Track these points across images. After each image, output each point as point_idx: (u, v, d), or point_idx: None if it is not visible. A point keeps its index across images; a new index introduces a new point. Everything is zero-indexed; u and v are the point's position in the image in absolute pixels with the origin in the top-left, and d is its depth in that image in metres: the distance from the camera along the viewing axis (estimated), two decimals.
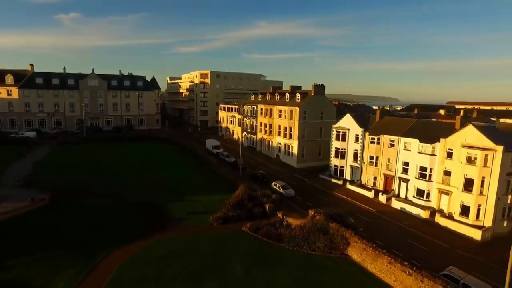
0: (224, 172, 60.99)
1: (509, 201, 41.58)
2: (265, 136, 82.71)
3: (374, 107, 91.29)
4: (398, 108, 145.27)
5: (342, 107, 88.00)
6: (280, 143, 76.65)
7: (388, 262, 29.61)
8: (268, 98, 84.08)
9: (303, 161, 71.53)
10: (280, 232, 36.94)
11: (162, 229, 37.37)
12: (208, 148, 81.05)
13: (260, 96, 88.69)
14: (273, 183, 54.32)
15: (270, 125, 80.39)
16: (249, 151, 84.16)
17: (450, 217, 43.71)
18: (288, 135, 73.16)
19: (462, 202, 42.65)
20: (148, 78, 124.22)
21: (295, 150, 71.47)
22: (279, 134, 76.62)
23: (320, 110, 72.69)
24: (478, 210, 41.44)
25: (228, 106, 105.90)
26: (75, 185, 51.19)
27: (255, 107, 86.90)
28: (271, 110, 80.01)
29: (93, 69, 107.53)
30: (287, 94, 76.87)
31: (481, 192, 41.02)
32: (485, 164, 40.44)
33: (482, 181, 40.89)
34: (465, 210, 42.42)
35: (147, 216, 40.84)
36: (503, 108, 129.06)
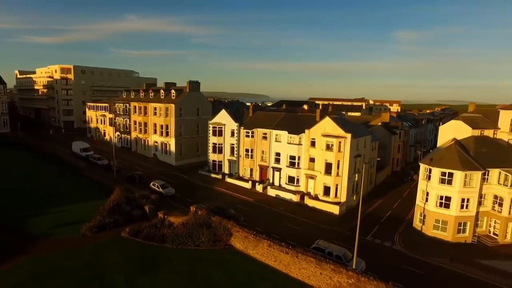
0: (96, 176, 55.55)
1: (356, 179, 50.02)
2: (140, 135, 78.47)
3: (248, 103, 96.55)
4: (269, 104, 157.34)
5: (217, 104, 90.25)
6: (156, 142, 73.88)
7: (268, 245, 32.08)
8: (142, 96, 79.86)
9: (182, 158, 70.73)
10: (162, 233, 35.89)
11: (19, 250, 31.69)
12: (75, 152, 72.19)
13: (133, 94, 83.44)
14: (152, 183, 52.16)
15: (145, 124, 76.61)
16: (123, 152, 78.46)
17: (316, 198, 49.97)
18: (164, 133, 71.06)
19: (325, 184, 49.30)
20: None
21: (172, 148, 70.02)
22: (155, 132, 73.75)
23: (196, 106, 72.90)
24: (336, 189, 48.61)
25: (98, 104, 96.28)
26: None
27: (128, 105, 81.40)
28: (145, 107, 76.27)
29: None
30: (162, 91, 74.49)
31: (337, 174, 48.15)
32: (339, 150, 47.59)
33: (338, 164, 48.05)
34: (327, 191, 49.18)
35: None
36: (349, 103, 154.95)
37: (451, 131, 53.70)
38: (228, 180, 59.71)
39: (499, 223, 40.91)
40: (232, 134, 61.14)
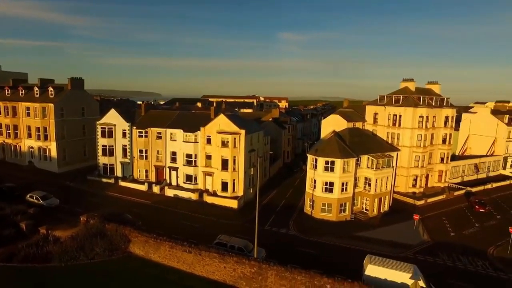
0: None
1: (252, 173, 52.71)
2: (9, 140, 67.28)
3: (139, 102, 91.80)
4: (161, 102, 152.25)
5: (105, 103, 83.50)
6: (32, 147, 64.48)
7: (169, 247, 31.50)
8: (9, 93, 68.37)
9: (66, 164, 63.45)
10: (46, 251, 31.98)
11: None
12: None
13: None
14: (28, 195, 45.55)
15: (16, 126, 66.00)
16: None
17: (215, 194, 50.88)
18: (42, 137, 62.41)
19: (222, 179, 50.52)
20: None
21: (53, 153, 62.16)
22: (30, 136, 64.24)
23: (80, 106, 66.14)
24: (234, 184, 50.36)
25: None
26: None
27: None
28: (14, 107, 65.61)
29: None
30: (36, 89, 65.15)
31: (234, 169, 49.91)
32: (234, 146, 49.34)
33: (234, 160, 49.80)
34: (225, 186, 50.51)
35: None
36: (242, 100, 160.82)
37: (331, 124, 61.05)
38: (122, 183, 56.11)
39: (368, 200, 48.41)
40: (124, 134, 57.50)
